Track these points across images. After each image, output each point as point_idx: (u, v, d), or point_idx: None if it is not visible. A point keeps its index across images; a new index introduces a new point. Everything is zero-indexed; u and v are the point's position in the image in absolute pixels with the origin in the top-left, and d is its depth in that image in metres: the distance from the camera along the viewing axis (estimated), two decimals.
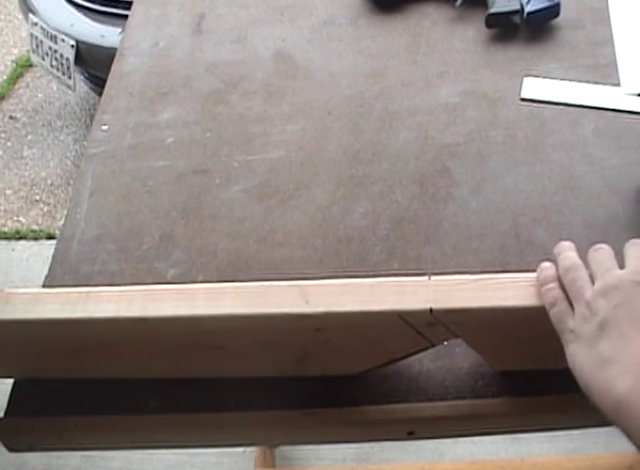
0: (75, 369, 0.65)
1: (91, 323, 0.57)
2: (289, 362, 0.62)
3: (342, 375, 0.64)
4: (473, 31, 1.00)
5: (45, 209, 2.20)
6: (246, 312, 0.55)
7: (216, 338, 0.59)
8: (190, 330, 0.58)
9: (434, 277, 0.56)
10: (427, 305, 0.53)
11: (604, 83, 0.90)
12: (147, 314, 0.56)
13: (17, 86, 2.64)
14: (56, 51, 2.01)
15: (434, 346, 0.60)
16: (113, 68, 1.00)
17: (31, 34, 2.09)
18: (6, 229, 2.14)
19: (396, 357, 0.62)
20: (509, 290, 0.55)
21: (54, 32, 1.99)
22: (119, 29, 1.85)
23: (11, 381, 0.68)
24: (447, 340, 0.61)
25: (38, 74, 2.63)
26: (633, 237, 0.58)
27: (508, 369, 0.65)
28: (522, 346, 0.60)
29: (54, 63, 2.04)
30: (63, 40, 1.97)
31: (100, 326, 0.57)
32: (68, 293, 0.58)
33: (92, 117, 2.30)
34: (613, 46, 0.95)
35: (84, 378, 0.66)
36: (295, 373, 0.64)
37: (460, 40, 0.99)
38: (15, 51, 2.79)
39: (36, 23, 2.05)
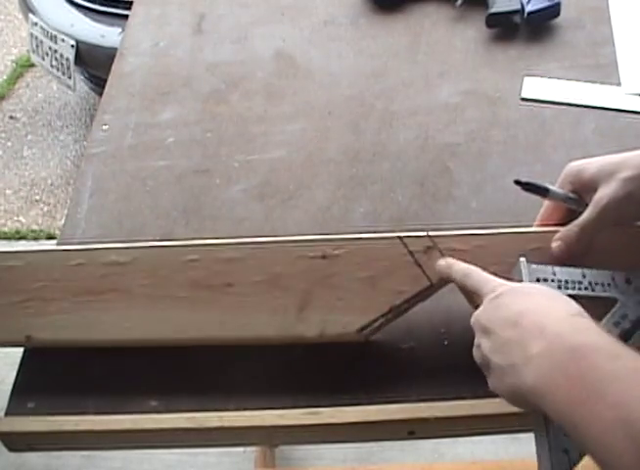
0: (75, 322, 0.66)
1: (102, 253, 0.64)
2: (290, 309, 0.64)
3: (340, 342, 0.65)
4: (473, 31, 1.00)
5: (45, 209, 2.20)
6: (257, 240, 0.66)
7: (226, 273, 0.65)
8: (201, 261, 0.65)
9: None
10: (424, 233, 0.64)
11: (604, 83, 0.90)
12: (156, 244, 0.66)
13: (17, 86, 2.64)
14: (56, 51, 2.01)
15: (432, 286, 0.63)
16: (113, 68, 1.00)
17: (31, 34, 2.09)
18: (6, 229, 2.14)
19: (397, 304, 0.63)
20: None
21: (54, 32, 1.99)
22: (119, 29, 1.85)
23: (11, 381, 0.68)
24: (444, 281, 0.63)
25: (38, 74, 2.63)
26: None
27: None
28: None
29: (54, 63, 2.04)
30: (63, 40, 1.97)
31: (105, 254, 0.65)
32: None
33: (92, 117, 2.30)
34: (613, 46, 0.95)
35: (88, 346, 0.67)
36: (294, 330, 0.64)
37: (460, 40, 0.99)
38: (15, 51, 2.79)
39: (36, 23, 2.05)
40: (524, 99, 0.90)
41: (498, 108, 0.89)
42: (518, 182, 0.61)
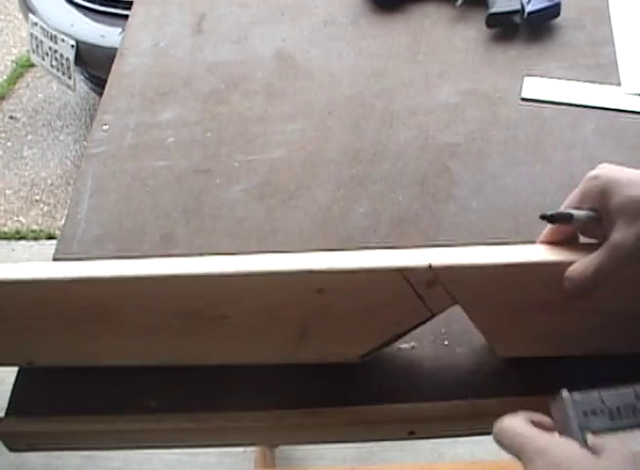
0: (74, 350, 0.65)
1: (90, 282, 0.58)
2: (290, 338, 0.62)
3: (342, 362, 0.64)
4: (473, 31, 1.00)
5: (45, 209, 2.20)
6: (250, 270, 0.58)
7: (220, 304, 0.60)
8: (194, 292, 0.59)
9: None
10: (426, 262, 0.57)
11: (604, 83, 0.90)
12: (148, 273, 0.58)
13: (17, 86, 2.64)
14: (56, 51, 2.01)
15: (433, 316, 0.60)
16: (113, 67, 1.00)
17: (31, 34, 2.09)
18: (6, 229, 2.14)
19: (398, 333, 0.62)
20: (507, 251, 0.58)
21: (54, 32, 1.99)
22: (119, 29, 1.85)
23: (11, 381, 0.68)
24: (446, 308, 0.61)
25: (38, 74, 2.63)
26: None
27: (510, 355, 0.64)
28: (524, 317, 0.60)
29: (54, 63, 2.04)
30: (63, 40, 1.97)
31: (99, 286, 0.58)
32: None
33: (92, 117, 2.30)
34: (613, 46, 0.95)
35: (84, 367, 0.66)
36: (295, 357, 0.64)
37: (461, 40, 0.99)
38: (15, 51, 2.79)
39: (36, 23, 2.05)
40: (524, 99, 0.90)
41: (498, 108, 0.89)
42: (544, 217, 0.58)
